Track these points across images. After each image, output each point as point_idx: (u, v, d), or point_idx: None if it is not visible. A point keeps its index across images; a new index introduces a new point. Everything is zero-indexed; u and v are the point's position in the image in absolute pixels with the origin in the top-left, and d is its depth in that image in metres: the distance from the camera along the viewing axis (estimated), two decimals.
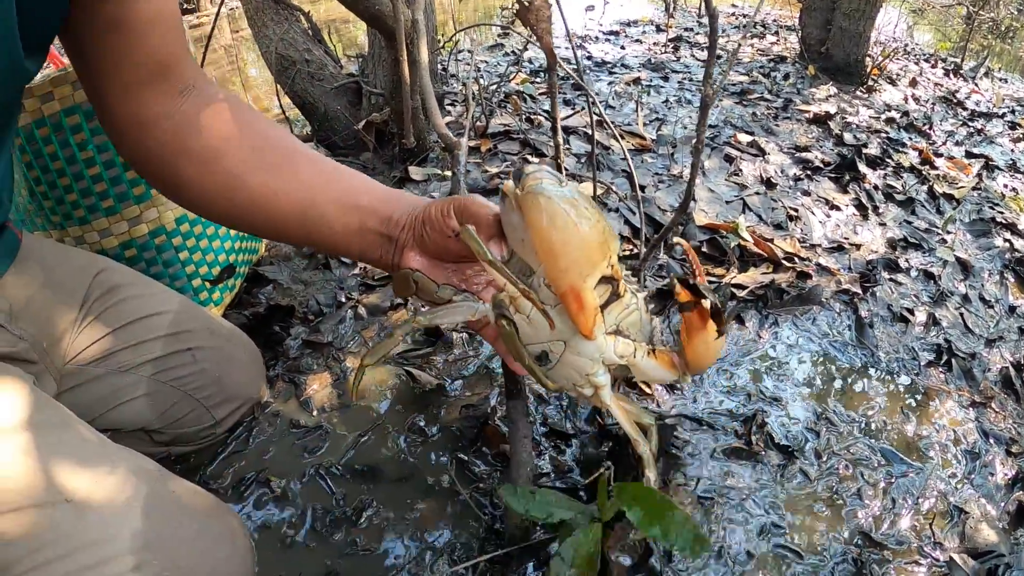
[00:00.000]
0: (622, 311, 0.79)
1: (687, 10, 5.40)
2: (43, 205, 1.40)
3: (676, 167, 2.11)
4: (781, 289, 1.56)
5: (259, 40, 2.24)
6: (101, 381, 1.07)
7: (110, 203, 1.37)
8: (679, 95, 2.96)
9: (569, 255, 0.69)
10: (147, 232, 1.41)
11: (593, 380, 0.82)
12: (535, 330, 0.79)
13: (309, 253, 1.75)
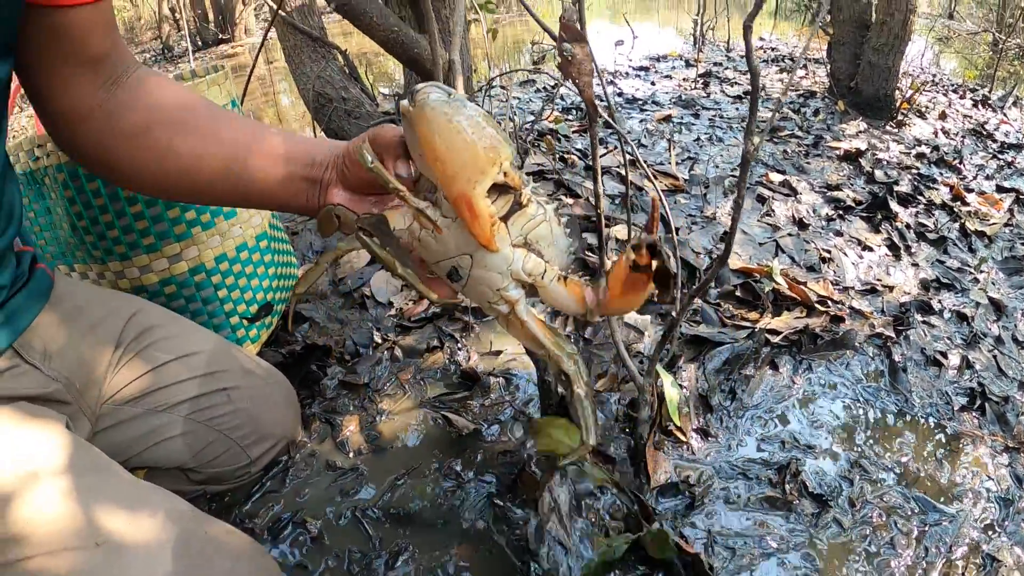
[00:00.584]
0: (527, 221, 0.78)
1: (715, 44, 5.42)
2: (84, 240, 1.43)
3: (709, 208, 2.12)
4: (815, 334, 1.56)
5: (296, 77, 2.28)
6: (137, 421, 1.09)
7: (151, 240, 1.39)
8: (710, 132, 2.97)
9: (454, 161, 0.70)
10: (187, 270, 1.43)
11: (505, 295, 0.81)
12: (442, 245, 0.79)
13: (345, 291, 1.77)
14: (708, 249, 1.87)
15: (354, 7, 1.50)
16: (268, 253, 1.57)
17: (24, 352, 0.93)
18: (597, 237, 1.16)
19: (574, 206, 2.01)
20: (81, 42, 0.83)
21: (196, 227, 1.41)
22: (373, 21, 1.54)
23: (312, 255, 2.02)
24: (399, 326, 1.64)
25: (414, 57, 1.63)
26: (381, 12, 1.54)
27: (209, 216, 1.41)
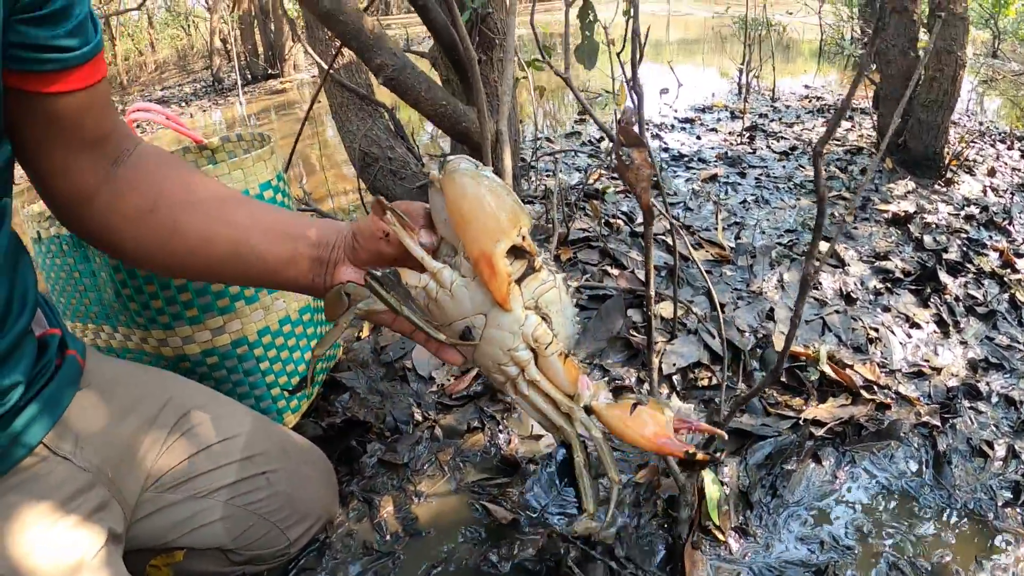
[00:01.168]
0: (539, 285, 0.83)
1: (760, 92, 5.39)
2: (128, 307, 1.45)
3: (755, 281, 2.10)
4: (859, 424, 1.53)
5: (343, 134, 2.30)
6: (177, 507, 1.09)
7: (194, 312, 1.41)
8: (757, 193, 2.96)
9: (479, 221, 0.76)
10: (229, 342, 1.45)
11: (515, 356, 0.84)
12: (457, 305, 0.82)
13: (387, 361, 1.78)
14: (753, 327, 1.85)
15: (402, 82, 1.51)
16: (310, 326, 1.59)
17: (53, 445, 0.93)
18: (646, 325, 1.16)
19: (619, 278, 2.00)
20: (79, 126, 0.85)
21: (239, 301, 1.42)
22: (421, 96, 1.55)
23: (357, 319, 2.04)
24: (440, 403, 1.64)
25: (462, 131, 1.65)
26: (429, 87, 1.55)
27: (253, 291, 1.43)
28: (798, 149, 3.71)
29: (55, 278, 1.63)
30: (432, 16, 1.51)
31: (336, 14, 1.40)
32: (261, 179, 1.44)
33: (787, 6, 9.94)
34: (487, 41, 1.93)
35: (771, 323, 1.87)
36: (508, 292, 0.79)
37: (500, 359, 0.84)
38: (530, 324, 0.83)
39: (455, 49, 1.58)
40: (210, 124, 7.87)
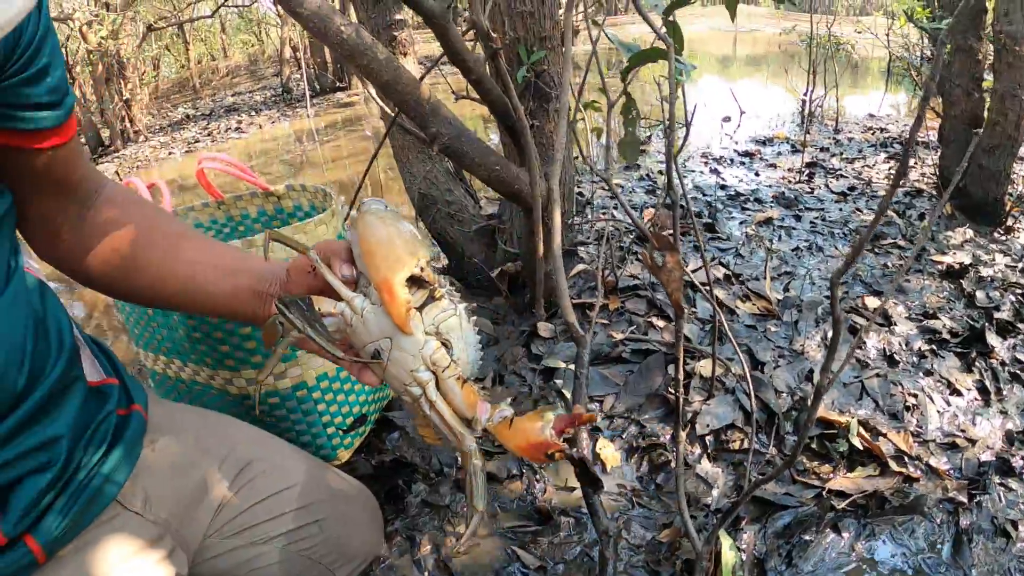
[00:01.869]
0: (439, 312, 0.92)
1: (823, 121, 5.36)
2: (197, 347, 1.55)
3: (799, 339, 2.13)
4: (883, 497, 1.56)
5: (404, 175, 2.38)
6: (237, 552, 1.16)
7: (258, 359, 1.50)
8: (810, 239, 2.96)
9: (381, 253, 0.87)
10: (290, 386, 1.54)
11: (417, 376, 0.92)
12: (368, 329, 0.91)
13: None
14: (792, 388, 1.88)
15: (457, 149, 1.59)
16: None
17: (125, 501, 1.00)
18: (675, 386, 1.21)
19: (663, 331, 2.05)
20: (54, 175, 0.91)
21: (301, 350, 1.51)
22: (475, 162, 1.62)
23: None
24: (484, 450, 1.71)
25: (515, 192, 1.71)
26: (483, 152, 1.62)
27: None
28: (856, 190, 3.70)
29: (129, 311, 1.74)
30: (487, 87, 1.57)
31: (394, 84, 1.48)
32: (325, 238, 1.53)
33: (859, 24, 9.83)
34: (542, 94, 1.99)
35: (809, 385, 1.89)
36: (407, 316, 0.87)
37: (404, 379, 0.93)
38: (429, 348, 0.91)
39: (509, 116, 1.65)
40: (280, 136, 8.02)
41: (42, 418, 0.86)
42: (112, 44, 8.87)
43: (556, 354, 1.97)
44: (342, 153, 6.27)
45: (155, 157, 8.24)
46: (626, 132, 1.51)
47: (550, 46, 1.97)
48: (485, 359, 2.01)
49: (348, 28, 1.40)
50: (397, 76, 1.48)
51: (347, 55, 1.44)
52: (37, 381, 0.84)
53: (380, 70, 1.46)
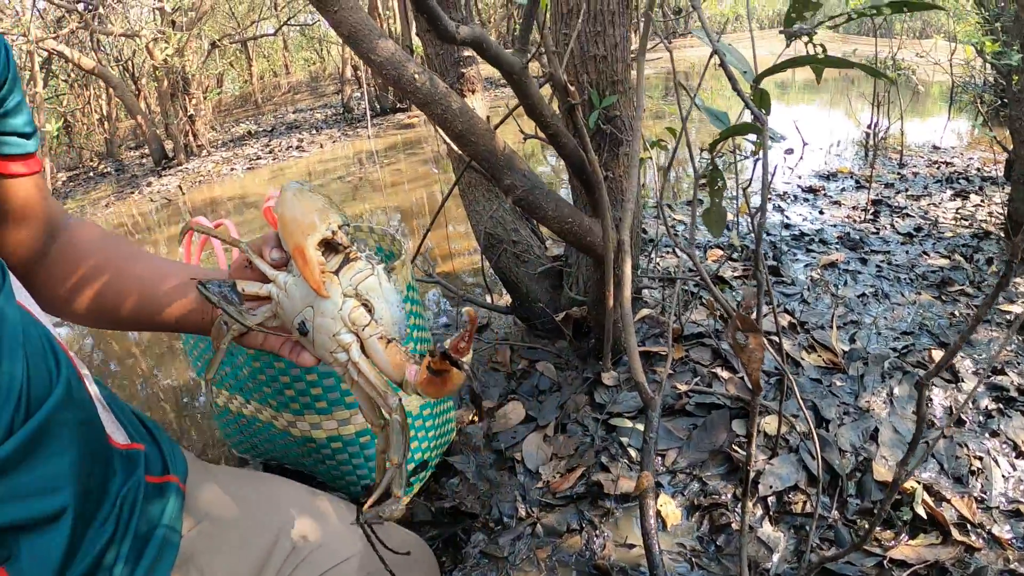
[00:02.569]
0: (355, 274, 0.91)
1: (887, 154, 5.28)
2: (262, 389, 1.56)
3: (864, 395, 2.09)
4: (944, 568, 1.53)
5: (470, 213, 2.38)
6: None
7: (323, 405, 1.52)
8: (876, 285, 2.91)
9: (293, 221, 0.88)
10: (354, 432, 1.55)
11: (340, 339, 0.90)
12: (291, 302, 0.92)
13: (497, 448, 1.85)
14: (856, 448, 1.85)
15: (531, 202, 1.58)
16: (430, 419, 1.67)
17: None
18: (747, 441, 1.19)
19: (728, 383, 2.03)
20: (23, 207, 0.95)
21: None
22: (549, 214, 1.62)
23: (463, 401, 2.12)
24: (543, 501, 1.70)
25: (587, 245, 1.71)
26: (556, 205, 1.62)
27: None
28: (923, 231, 3.64)
29: (195, 343, 1.76)
30: (563, 142, 1.57)
31: (468, 135, 1.48)
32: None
33: (918, 47, 9.70)
34: (613, 139, 1.99)
35: (874, 445, 1.86)
36: (320, 279, 0.88)
37: (329, 346, 0.92)
38: (346, 308, 0.90)
39: (584, 170, 1.65)
40: (340, 156, 8.10)
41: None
42: (177, 61, 9.04)
43: (619, 403, 1.96)
44: (402, 177, 6.31)
45: (217, 172, 8.37)
46: (712, 203, 1.49)
47: (621, 90, 1.97)
48: (547, 404, 2.01)
49: (422, 76, 1.40)
50: (471, 126, 1.48)
51: (420, 103, 1.44)
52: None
53: (454, 120, 1.46)
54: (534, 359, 2.27)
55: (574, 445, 1.85)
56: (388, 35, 7.60)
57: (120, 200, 8.00)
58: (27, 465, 0.77)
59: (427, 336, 1.74)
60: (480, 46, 1.27)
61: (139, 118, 9.85)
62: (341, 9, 1.29)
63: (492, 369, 2.29)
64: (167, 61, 8.95)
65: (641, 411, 1.91)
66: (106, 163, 11.81)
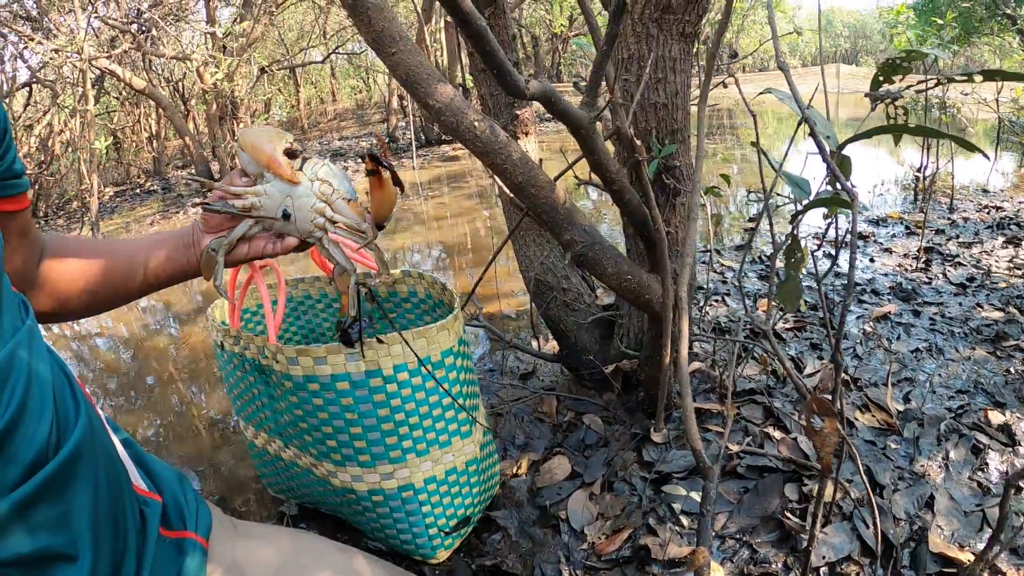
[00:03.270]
0: (313, 166, 1.17)
1: (936, 198, 5.20)
2: (304, 438, 1.55)
3: (919, 459, 2.02)
4: None
5: (520, 258, 2.36)
6: None
7: (366, 458, 1.50)
8: (930, 339, 2.84)
9: (260, 143, 1.12)
10: (396, 487, 1.53)
11: (317, 208, 1.16)
12: (272, 200, 1.14)
13: (541, 504, 1.81)
14: (911, 516, 1.79)
15: (590, 257, 1.54)
16: (475, 475, 1.64)
17: None
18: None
19: (780, 444, 1.97)
20: (23, 233, 1.03)
21: (411, 453, 1.50)
22: (608, 271, 1.58)
23: (514, 447, 2.08)
24: (588, 564, 1.66)
25: (645, 302, 1.67)
26: (616, 261, 1.58)
27: (425, 445, 1.52)
28: (976, 281, 3.56)
29: (234, 383, 1.75)
30: (627, 198, 1.53)
31: (528, 186, 1.44)
32: (444, 347, 1.53)
33: (963, 84, 9.58)
34: (672, 189, 1.95)
35: (930, 513, 1.79)
36: (292, 172, 1.12)
37: (310, 217, 1.16)
38: (315, 186, 1.16)
39: (646, 226, 1.61)
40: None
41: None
42: (227, 85, 9.16)
43: (669, 462, 1.91)
44: (446, 211, 6.32)
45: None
46: (787, 276, 1.45)
47: (681, 139, 1.94)
48: (594, 459, 1.97)
49: (482, 124, 1.36)
50: (532, 178, 1.44)
51: (479, 152, 1.40)
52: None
53: (514, 171, 1.42)
54: (581, 411, 2.22)
55: (621, 505, 1.80)
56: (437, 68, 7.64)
57: (165, 219, 8.10)
58: (48, 501, 0.76)
59: (475, 388, 1.71)
60: (548, 101, 1.24)
61: (187, 139, 10.00)
62: (399, 51, 1.27)
63: (537, 419, 2.24)
64: (217, 85, 9.07)
65: (692, 472, 1.86)
66: (153, 181, 11.99)
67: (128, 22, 9.12)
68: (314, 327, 2.21)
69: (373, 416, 1.46)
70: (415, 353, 1.44)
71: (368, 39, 1.28)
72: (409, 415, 1.49)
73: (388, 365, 1.45)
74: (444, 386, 1.51)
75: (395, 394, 1.47)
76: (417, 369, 1.48)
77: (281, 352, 1.46)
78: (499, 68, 1.12)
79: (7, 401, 0.73)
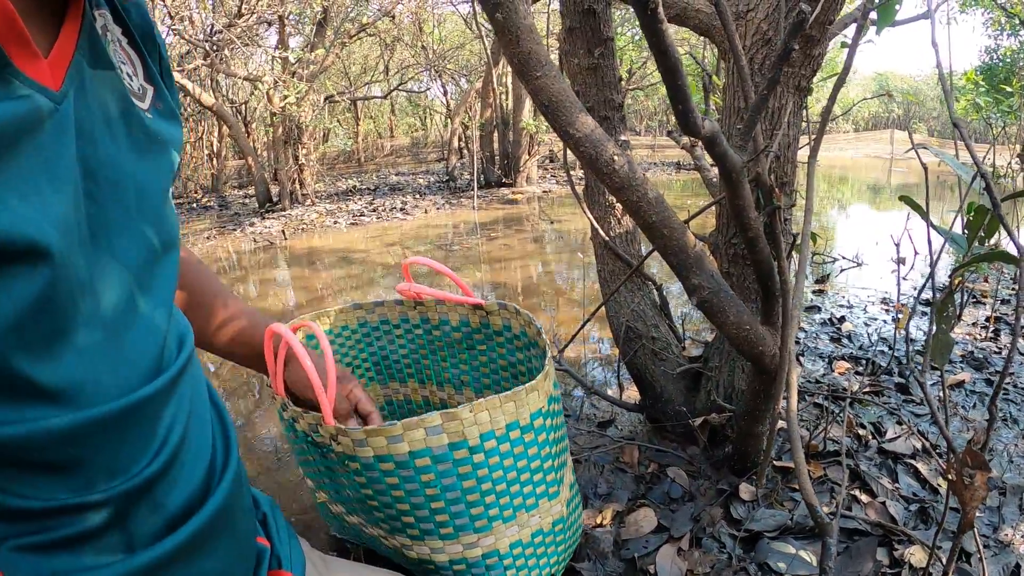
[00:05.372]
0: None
1: (1000, 268, 5.09)
2: (374, 514, 1.45)
3: (1003, 528, 1.96)
4: None
5: (608, 304, 2.33)
6: None
7: (449, 531, 1.39)
8: (1004, 409, 2.79)
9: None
10: (480, 555, 1.43)
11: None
12: None
13: (627, 557, 1.78)
14: None
15: (714, 304, 1.50)
16: (561, 533, 1.58)
17: None
18: None
19: (867, 507, 1.94)
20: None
21: (497, 521, 1.41)
22: (729, 320, 1.53)
23: (596, 496, 2.05)
24: None
25: (757, 355, 1.64)
26: (738, 311, 1.54)
27: (512, 511, 1.42)
28: None
29: (298, 451, 1.62)
30: (760, 247, 1.49)
31: (660, 227, 1.40)
32: (534, 408, 1.42)
33: (1014, 149, 9.46)
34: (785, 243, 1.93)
35: None
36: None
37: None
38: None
39: (771, 278, 1.57)
40: (443, 223, 8.18)
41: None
42: (295, 110, 9.28)
43: (758, 520, 1.87)
44: (506, 254, 6.32)
45: (320, 223, 8.51)
46: (939, 331, 1.42)
47: (788, 192, 1.92)
48: (680, 513, 1.93)
49: (621, 159, 1.33)
50: (666, 219, 1.41)
51: (615, 188, 1.36)
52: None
53: (649, 209, 1.39)
54: (663, 463, 2.18)
55: (710, 562, 1.76)
56: (501, 110, 7.74)
57: (221, 235, 8.19)
58: (185, 561, 0.72)
59: (565, 443, 1.63)
60: (713, 142, 1.21)
61: (249, 159, 10.13)
62: (544, 76, 1.24)
63: (619, 469, 2.20)
64: (286, 109, 9.19)
65: (784, 531, 1.83)
66: (210, 197, 12.16)
67: (203, 39, 9.29)
68: (388, 354, 2.09)
69: (457, 489, 1.34)
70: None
71: (513, 60, 1.25)
72: (496, 483, 1.37)
73: (474, 435, 1.31)
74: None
75: (482, 464, 1.33)
76: (505, 435, 1.35)
77: (344, 434, 1.30)
78: (684, 104, 1.10)
79: (164, 435, 0.70)
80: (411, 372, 2.04)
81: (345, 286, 5.41)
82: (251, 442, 2.80)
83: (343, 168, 15.78)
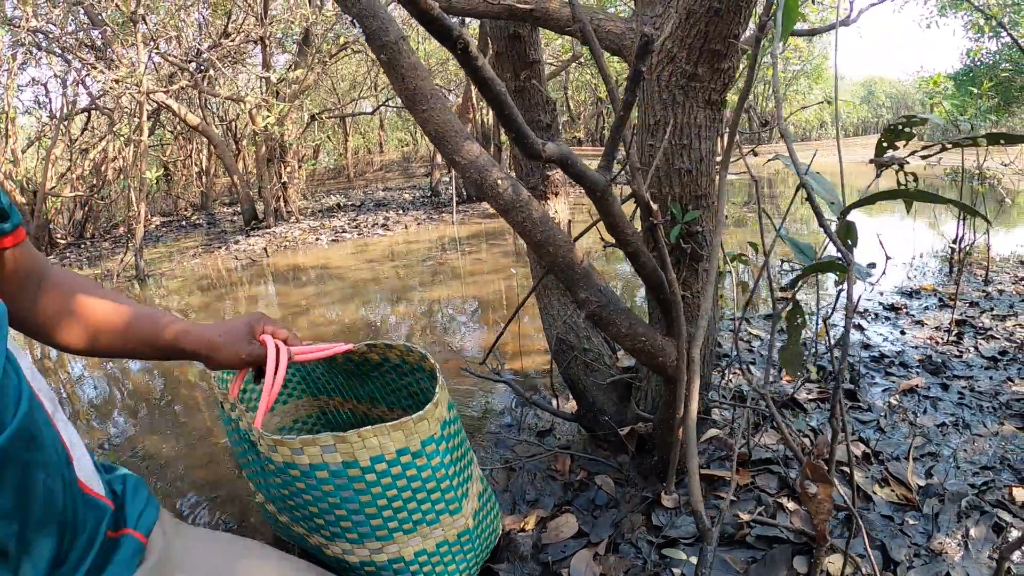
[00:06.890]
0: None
1: (972, 271, 5.13)
2: (294, 513, 1.56)
3: (938, 536, 1.98)
4: None
5: (543, 316, 2.37)
6: None
7: (353, 536, 1.49)
8: (956, 414, 2.80)
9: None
10: (387, 559, 1.52)
11: None
12: None
13: (544, 561, 1.81)
14: None
15: (604, 317, 1.56)
16: (469, 543, 1.63)
17: None
18: None
19: (793, 515, 1.96)
20: (18, 267, 1.09)
21: (398, 532, 1.49)
22: (622, 332, 1.59)
23: (524, 502, 2.08)
24: None
25: (659, 365, 1.68)
26: (630, 323, 1.60)
27: (411, 525, 1.50)
28: (1008, 354, 3.50)
29: (239, 452, 1.75)
30: (643, 261, 1.55)
31: (546, 245, 1.47)
32: (424, 435, 1.47)
33: (1004, 155, 9.48)
34: (694, 255, 1.97)
35: None
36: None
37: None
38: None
39: (662, 289, 1.62)
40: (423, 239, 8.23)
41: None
42: (277, 130, 9.34)
43: (678, 527, 1.89)
44: (483, 267, 6.37)
45: (303, 240, 8.58)
46: (789, 341, 1.46)
47: (705, 204, 1.95)
48: (602, 520, 1.96)
49: (505, 183, 1.40)
50: (550, 237, 1.47)
51: (502, 209, 1.44)
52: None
53: (534, 229, 1.46)
54: (594, 471, 2.22)
55: (625, 567, 1.78)
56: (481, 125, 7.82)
57: (207, 252, 8.28)
58: None
59: (466, 461, 1.66)
60: (565, 163, 1.26)
61: (235, 178, 10.21)
62: (430, 109, 1.33)
63: (550, 476, 2.24)
64: (267, 128, 9.26)
65: (699, 538, 1.85)
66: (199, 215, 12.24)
67: (187, 60, 9.37)
68: (313, 373, 2.19)
69: (355, 501, 1.43)
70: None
71: (402, 96, 1.34)
72: (392, 500, 1.45)
73: (365, 457, 1.40)
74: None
75: (375, 483, 1.42)
76: (396, 460, 1.42)
77: (263, 438, 1.41)
78: (517, 131, 1.14)
79: None
80: (333, 389, 2.13)
81: (322, 302, 5.46)
82: (212, 450, 2.85)
83: (333, 184, 15.88)
